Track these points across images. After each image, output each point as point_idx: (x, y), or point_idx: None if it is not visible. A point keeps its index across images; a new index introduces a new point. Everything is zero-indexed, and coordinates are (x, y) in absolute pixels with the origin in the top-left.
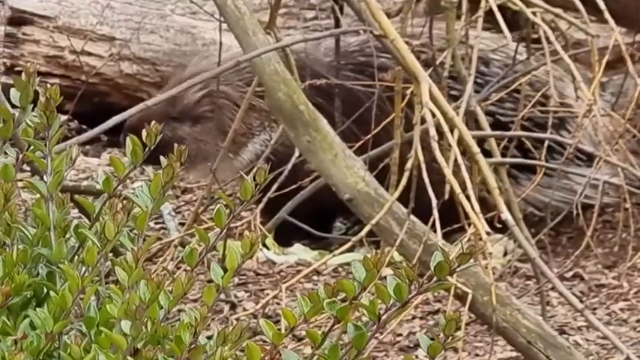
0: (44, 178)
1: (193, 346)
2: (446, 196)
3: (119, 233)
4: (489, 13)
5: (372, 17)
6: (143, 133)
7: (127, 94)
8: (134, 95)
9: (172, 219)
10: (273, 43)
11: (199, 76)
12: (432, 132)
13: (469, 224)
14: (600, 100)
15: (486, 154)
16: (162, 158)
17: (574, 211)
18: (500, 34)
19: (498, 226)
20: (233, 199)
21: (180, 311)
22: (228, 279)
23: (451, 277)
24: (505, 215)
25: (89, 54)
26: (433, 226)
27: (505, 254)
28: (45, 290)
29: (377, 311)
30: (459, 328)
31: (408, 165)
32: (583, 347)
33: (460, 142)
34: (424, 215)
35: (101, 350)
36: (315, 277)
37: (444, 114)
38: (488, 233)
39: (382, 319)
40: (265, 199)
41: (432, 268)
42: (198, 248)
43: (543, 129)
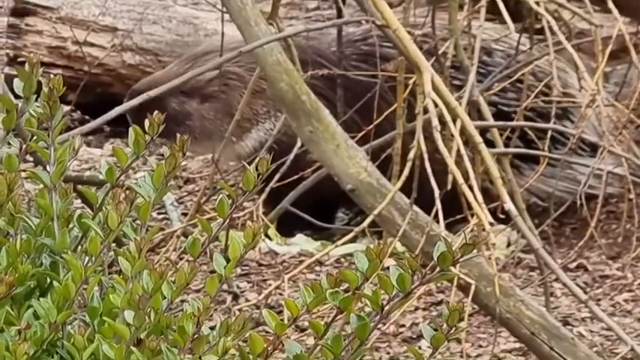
0: (47, 168)
1: (196, 336)
2: (449, 187)
3: (122, 223)
4: (492, 3)
5: (375, 7)
6: (146, 122)
7: (130, 85)
8: None
9: (175, 209)
10: (276, 34)
11: (203, 67)
12: (435, 122)
13: (472, 215)
14: (604, 90)
15: (489, 144)
16: (165, 149)
17: (578, 202)
18: (503, 24)
19: (501, 216)
20: (235, 189)
21: (183, 301)
22: (230, 269)
23: (454, 267)
24: (508, 205)
25: (92, 45)
26: (436, 216)
27: (508, 245)
28: (48, 280)
29: (380, 302)
30: (462, 319)
31: (411, 155)
32: (587, 338)
33: (463, 132)
34: (427, 205)
35: (104, 340)
36: (317, 268)
37: (447, 104)
38: (491, 224)
39: (385, 310)
40: (268, 190)
41: (434, 259)
42: (200, 239)
43: (546, 119)
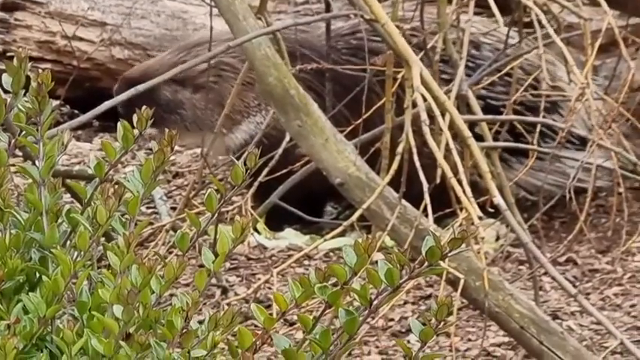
0: (36, 163)
1: (185, 330)
2: (437, 181)
3: (111, 218)
4: None
5: (363, 1)
6: (134, 117)
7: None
8: None
9: (164, 203)
10: (264, 28)
11: (195, 60)
12: (423, 116)
13: (461, 209)
14: (593, 83)
15: (478, 138)
16: (154, 143)
17: (567, 196)
18: (492, 17)
19: (490, 210)
20: (224, 183)
21: (172, 296)
22: (219, 264)
23: (443, 261)
24: (497, 199)
25: (81, 39)
26: (425, 210)
27: (497, 239)
28: (37, 275)
29: (368, 296)
30: (451, 313)
31: (400, 149)
32: (576, 332)
33: (451, 126)
34: (416, 200)
35: (93, 335)
36: (306, 262)
37: (436, 98)
38: (480, 218)
39: (374, 304)
40: (256, 184)
41: (423, 253)
42: (189, 233)
43: (535, 113)
